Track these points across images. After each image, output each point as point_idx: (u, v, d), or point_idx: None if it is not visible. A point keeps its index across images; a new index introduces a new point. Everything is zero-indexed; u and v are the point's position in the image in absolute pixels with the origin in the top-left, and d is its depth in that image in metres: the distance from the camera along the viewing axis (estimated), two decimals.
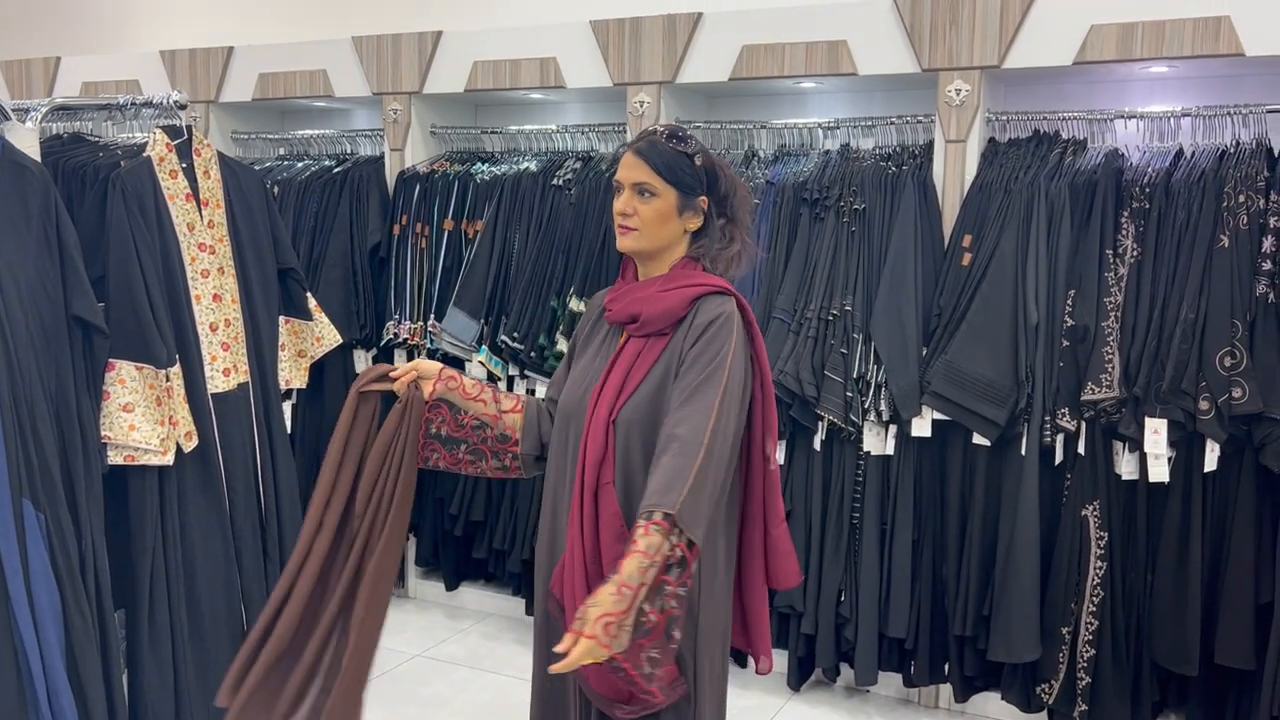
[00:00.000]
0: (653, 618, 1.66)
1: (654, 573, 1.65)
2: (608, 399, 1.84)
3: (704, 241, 1.90)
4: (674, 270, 1.89)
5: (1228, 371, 2.74)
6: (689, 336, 1.81)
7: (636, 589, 1.63)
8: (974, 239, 3.08)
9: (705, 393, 1.75)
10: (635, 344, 1.87)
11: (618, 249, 1.90)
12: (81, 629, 2.21)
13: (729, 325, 1.80)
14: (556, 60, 3.68)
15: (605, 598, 1.63)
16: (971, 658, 3.13)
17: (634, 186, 1.85)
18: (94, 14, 5.27)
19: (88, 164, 2.57)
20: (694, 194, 1.87)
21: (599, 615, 1.61)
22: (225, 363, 2.58)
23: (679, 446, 1.71)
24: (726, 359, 1.77)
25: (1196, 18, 2.86)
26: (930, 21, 3.15)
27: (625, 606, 1.63)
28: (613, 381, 1.86)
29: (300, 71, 4.15)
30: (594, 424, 1.83)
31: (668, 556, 1.66)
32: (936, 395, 3.02)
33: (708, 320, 1.81)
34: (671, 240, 1.88)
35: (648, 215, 1.85)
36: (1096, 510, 2.96)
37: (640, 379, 1.83)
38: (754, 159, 3.58)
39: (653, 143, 1.87)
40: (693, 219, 1.89)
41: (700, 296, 1.84)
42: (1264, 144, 2.93)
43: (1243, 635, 2.81)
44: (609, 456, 1.82)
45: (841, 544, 3.24)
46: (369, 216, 3.92)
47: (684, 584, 1.69)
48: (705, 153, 1.89)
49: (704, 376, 1.76)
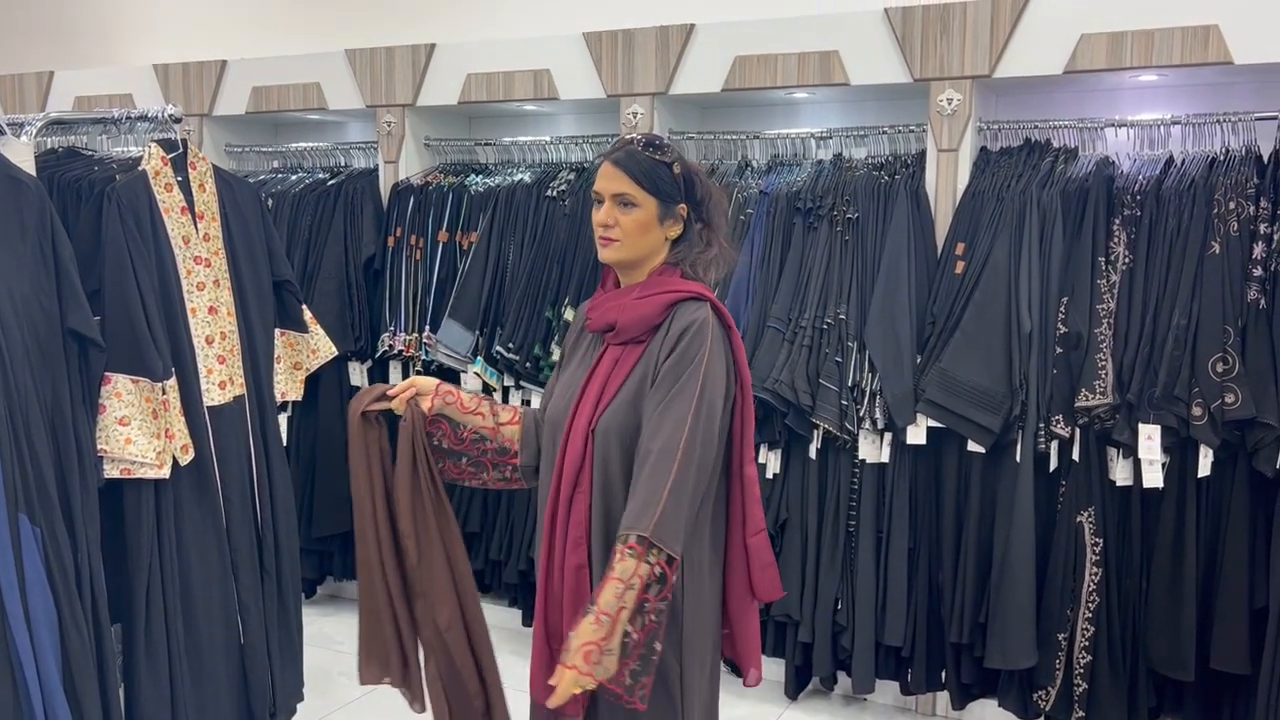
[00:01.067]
0: (635, 636, 1.70)
1: (633, 595, 1.69)
2: (586, 408, 1.86)
3: (683, 248, 1.91)
4: (652, 277, 1.89)
5: (1220, 377, 2.76)
6: (665, 344, 1.82)
7: (616, 614, 1.67)
8: (967, 247, 3.09)
9: (679, 402, 1.75)
10: (613, 352, 1.88)
11: (600, 260, 1.90)
12: (78, 643, 2.20)
13: (704, 331, 1.80)
14: (550, 72, 3.69)
15: (585, 627, 1.68)
16: (968, 665, 3.14)
17: (614, 197, 1.85)
18: (87, 28, 5.28)
19: (83, 178, 2.57)
20: (673, 202, 1.88)
21: (580, 644, 1.66)
22: (221, 375, 2.57)
23: (654, 461, 1.73)
24: (701, 365, 1.77)
25: (1185, 26, 2.88)
26: (921, 32, 3.17)
27: (605, 634, 1.67)
28: (591, 391, 1.87)
29: (294, 85, 4.16)
30: (573, 433, 1.85)
31: (645, 576, 1.69)
32: (931, 403, 3.03)
33: (682, 327, 1.81)
34: (653, 249, 1.88)
35: (629, 225, 1.85)
36: (1091, 516, 2.97)
37: (617, 387, 1.84)
38: (747, 169, 3.60)
39: (630, 152, 1.86)
40: (673, 227, 1.89)
41: (676, 303, 1.85)
42: (1253, 151, 2.95)
43: (1238, 640, 2.81)
44: (586, 465, 1.83)
45: (838, 552, 3.25)
46: (363, 229, 3.93)
47: (664, 599, 1.72)
48: (682, 160, 1.90)
49: (678, 386, 1.77)
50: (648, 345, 1.85)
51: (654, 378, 1.81)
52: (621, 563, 1.69)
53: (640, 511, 1.71)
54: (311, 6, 4.67)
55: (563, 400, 1.92)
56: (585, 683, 1.67)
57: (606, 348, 1.90)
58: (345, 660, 3.64)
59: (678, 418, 1.74)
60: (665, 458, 1.72)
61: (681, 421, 1.74)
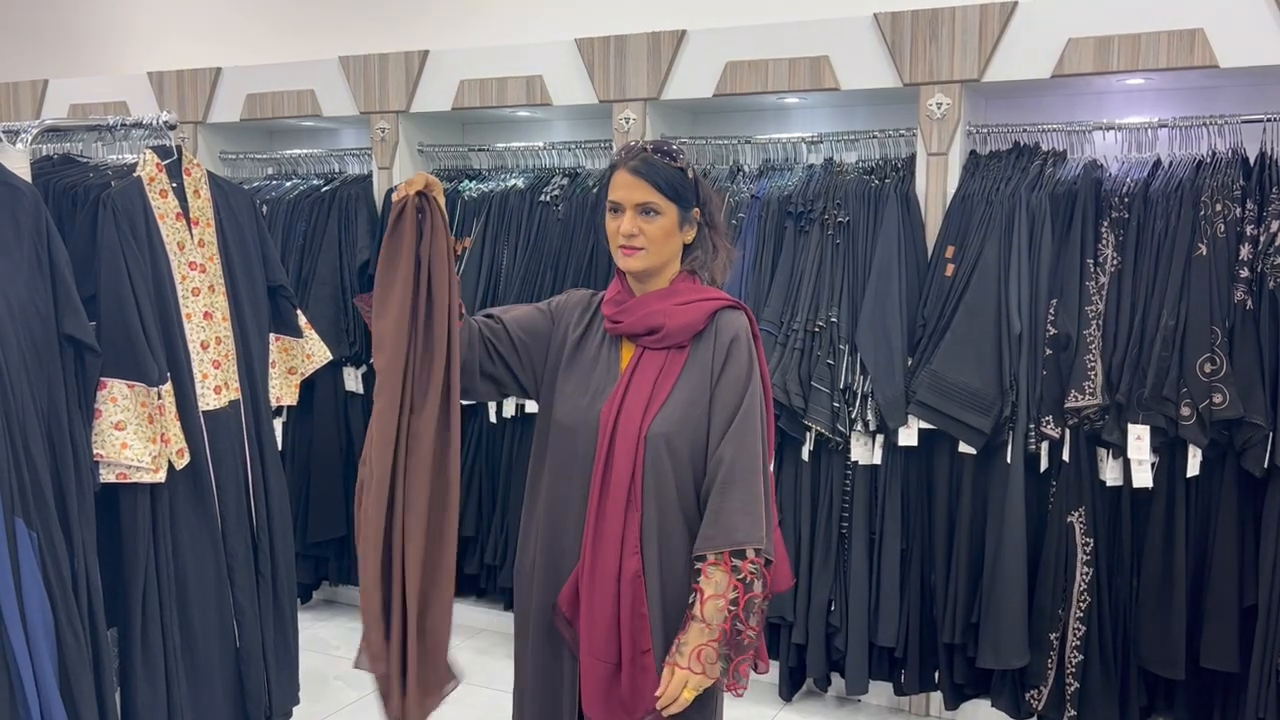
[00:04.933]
0: (750, 634, 1.78)
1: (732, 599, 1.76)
2: (633, 413, 1.83)
3: (699, 254, 1.92)
4: (680, 284, 1.89)
5: (1208, 377, 2.78)
6: (716, 353, 1.85)
7: (722, 625, 1.76)
8: (957, 250, 3.12)
9: (750, 416, 1.83)
10: (654, 357, 1.87)
11: (625, 269, 1.88)
12: (74, 647, 2.21)
13: (752, 342, 1.88)
14: (543, 78, 3.71)
15: (693, 633, 1.76)
16: (961, 665, 3.15)
17: (637, 207, 1.84)
18: (81, 36, 5.29)
19: (78, 184, 2.59)
20: (690, 207, 1.89)
21: (691, 648, 1.75)
22: (216, 380, 2.59)
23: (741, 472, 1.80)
24: (756, 375, 1.85)
25: (1171, 30, 2.91)
26: (910, 37, 3.20)
27: (714, 637, 1.76)
28: (637, 395, 1.84)
29: (288, 91, 4.17)
30: (621, 439, 1.82)
31: (753, 580, 1.77)
32: (922, 405, 3.05)
33: (731, 336, 1.86)
34: (674, 255, 1.89)
35: (654, 234, 1.84)
36: (1082, 516, 2.99)
37: (667, 392, 1.84)
38: (739, 173, 3.62)
39: (647, 160, 1.85)
40: (689, 231, 1.90)
41: (717, 310, 1.88)
42: (1239, 153, 2.98)
43: (1228, 638, 2.84)
44: (638, 470, 1.82)
45: (830, 554, 3.26)
46: (358, 234, 3.94)
47: (768, 597, 1.81)
48: (691, 164, 1.92)
49: (746, 399, 1.83)
50: (690, 351, 1.86)
51: (713, 386, 1.83)
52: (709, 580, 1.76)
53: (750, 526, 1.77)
54: (305, 14, 4.69)
55: (583, 400, 1.88)
56: (700, 683, 1.76)
57: (643, 352, 1.88)
58: (341, 665, 3.65)
59: (753, 430, 1.82)
60: (751, 471, 1.80)
61: (756, 434, 1.82)
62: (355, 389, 3.96)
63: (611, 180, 1.88)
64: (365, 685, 3.48)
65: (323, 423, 3.95)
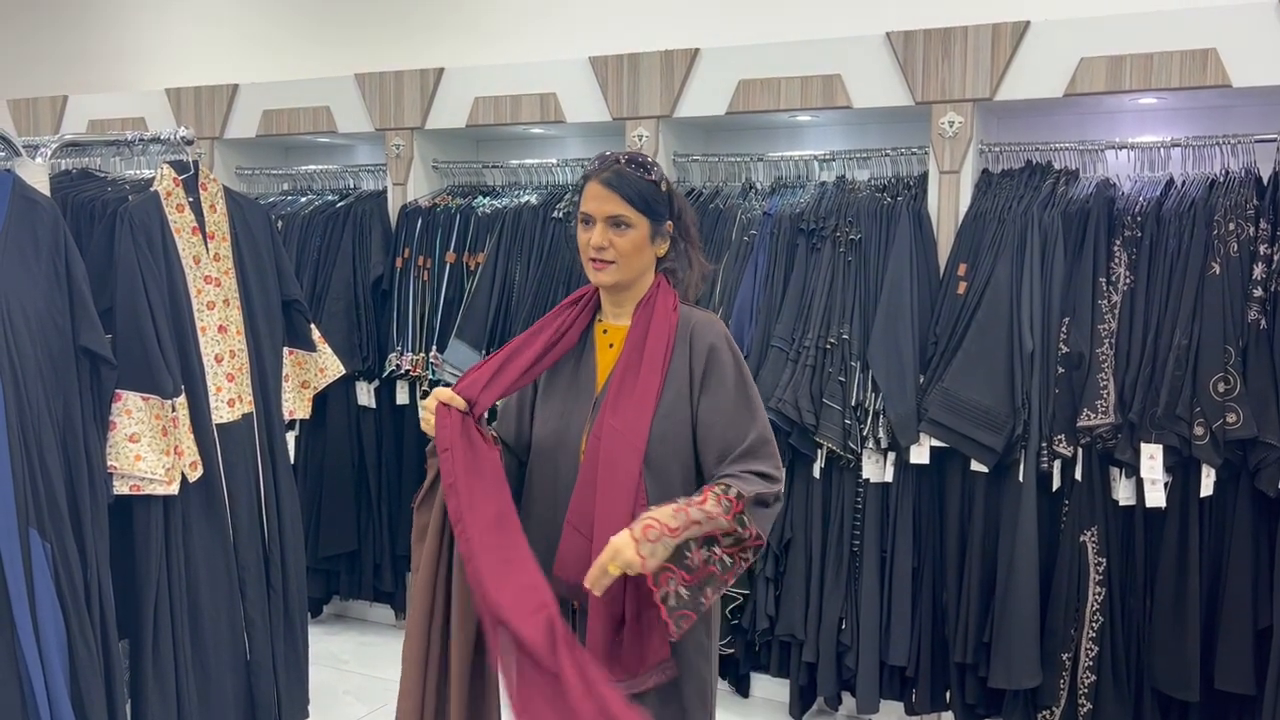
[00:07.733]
0: (695, 559, 1.70)
1: (716, 527, 1.71)
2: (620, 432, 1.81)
3: (672, 266, 1.92)
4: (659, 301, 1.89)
5: (1221, 397, 2.77)
6: (694, 358, 1.85)
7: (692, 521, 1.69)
8: (969, 268, 3.12)
9: (752, 400, 1.88)
10: (630, 369, 1.85)
11: (596, 284, 1.89)
12: (86, 658, 2.22)
13: (728, 334, 1.91)
14: (556, 96, 3.74)
15: (664, 511, 1.69)
16: (973, 685, 3.13)
17: (608, 219, 1.83)
18: (100, 53, 5.35)
19: (96, 198, 2.62)
20: (662, 220, 1.88)
21: (648, 517, 1.68)
22: (230, 393, 2.60)
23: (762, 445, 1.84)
24: (744, 363, 1.91)
25: (1184, 50, 2.91)
26: (923, 55, 3.21)
27: (677, 525, 1.68)
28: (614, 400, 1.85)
29: (304, 108, 4.21)
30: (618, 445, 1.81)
31: (735, 527, 1.72)
32: (934, 422, 3.04)
33: (708, 342, 1.86)
34: (646, 268, 1.89)
35: (625, 247, 1.83)
36: (1094, 536, 2.98)
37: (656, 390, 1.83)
38: (751, 191, 3.63)
39: (619, 172, 1.84)
40: (662, 244, 1.90)
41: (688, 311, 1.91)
42: (1253, 173, 2.98)
43: (1242, 660, 2.81)
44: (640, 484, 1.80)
45: (842, 572, 3.25)
46: (371, 249, 3.97)
47: (730, 555, 1.74)
48: (664, 176, 1.91)
49: (745, 387, 1.87)
50: (669, 363, 1.86)
51: (697, 385, 1.85)
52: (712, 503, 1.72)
53: (771, 476, 1.79)
54: (322, 31, 4.73)
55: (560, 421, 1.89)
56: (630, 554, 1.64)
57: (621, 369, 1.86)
58: (350, 679, 3.65)
59: (759, 409, 1.87)
60: (767, 444, 1.84)
61: (763, 413, 1.88)
62: (368, 403, 3.98)
63: (584, 191, 1.87)
64: (375, 700, 3.48)
65: (335, 437, 3.97)
